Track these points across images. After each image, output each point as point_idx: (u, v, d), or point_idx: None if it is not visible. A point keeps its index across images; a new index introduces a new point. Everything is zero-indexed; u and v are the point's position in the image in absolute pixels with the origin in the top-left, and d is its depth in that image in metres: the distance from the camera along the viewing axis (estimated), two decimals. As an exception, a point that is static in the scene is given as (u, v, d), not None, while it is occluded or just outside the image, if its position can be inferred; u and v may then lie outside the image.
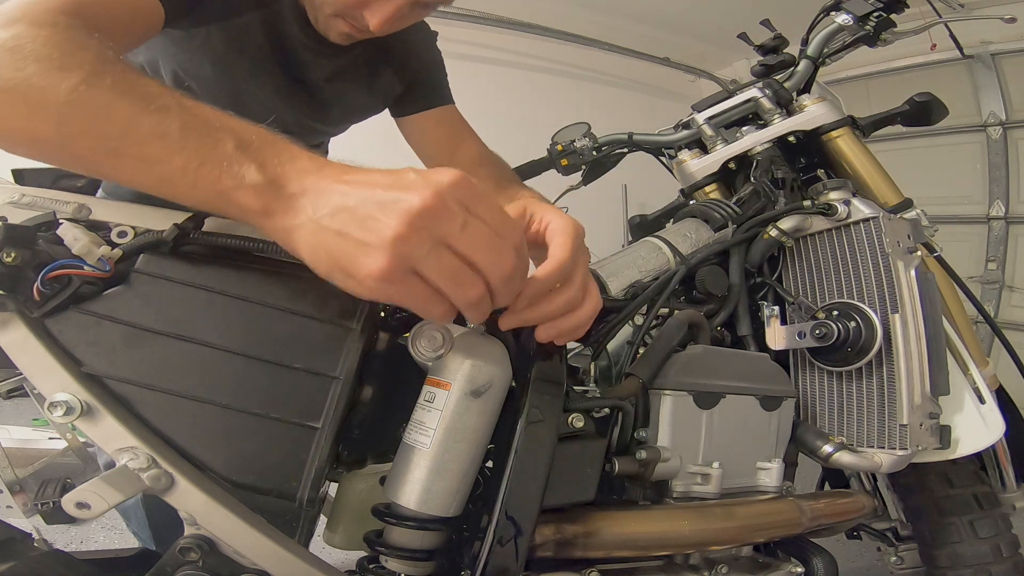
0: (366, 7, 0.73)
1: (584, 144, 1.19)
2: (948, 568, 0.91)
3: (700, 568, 0.68)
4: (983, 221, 3.27)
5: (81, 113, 0.41)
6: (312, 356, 0.54)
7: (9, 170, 0.59)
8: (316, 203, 0.40)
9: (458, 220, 0.39)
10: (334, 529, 0.70)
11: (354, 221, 0.39)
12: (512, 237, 0.42)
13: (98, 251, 0.51)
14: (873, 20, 1.05)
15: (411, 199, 0.38)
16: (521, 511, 0.55)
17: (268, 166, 0.42)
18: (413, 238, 0.38)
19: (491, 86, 3.61)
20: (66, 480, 0.74)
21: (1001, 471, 1.01)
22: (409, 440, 0.54)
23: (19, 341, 0.50)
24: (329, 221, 0.40)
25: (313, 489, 0.53)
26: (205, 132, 0.42)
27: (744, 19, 1.34)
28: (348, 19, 0.76)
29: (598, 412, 0.64)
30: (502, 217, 0.42)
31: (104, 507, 0.46)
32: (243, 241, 0.54)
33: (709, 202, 0.94)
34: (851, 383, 0.79)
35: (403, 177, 0.40)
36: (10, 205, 0.55)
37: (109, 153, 0.42)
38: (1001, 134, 3.17)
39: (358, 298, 0.41)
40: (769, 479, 0.73)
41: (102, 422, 0.50)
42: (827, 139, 1.04)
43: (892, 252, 0.77)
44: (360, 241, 0.38)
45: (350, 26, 0.77)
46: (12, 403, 2.76)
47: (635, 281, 0.79)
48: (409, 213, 0.38)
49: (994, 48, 3.03)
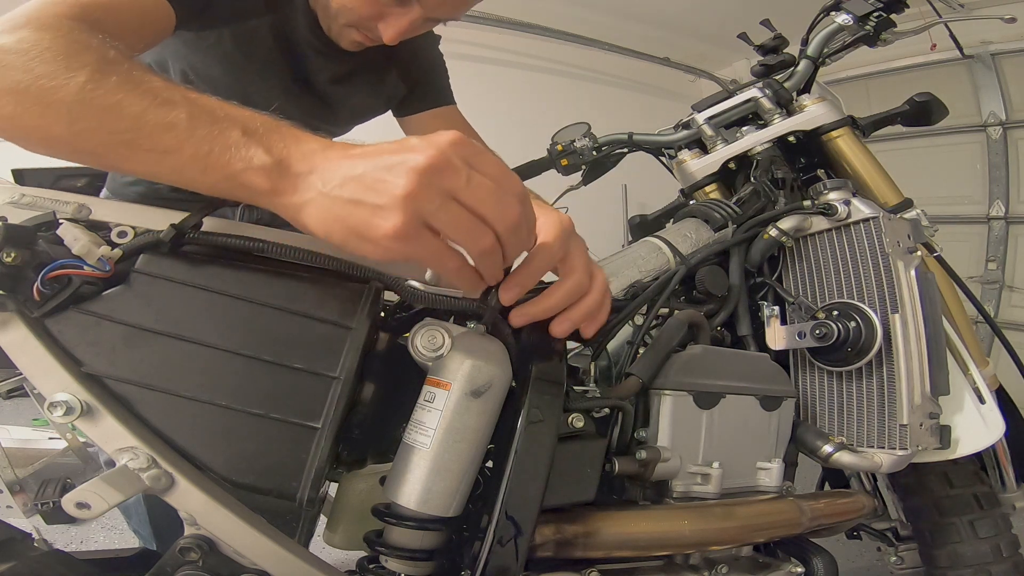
0: (381, 20, 0.74)
1: (584, 144, 1.19)
2: (948, 568, 0.91)
3: (700, 568, 0.68)
4: (983, 221, 3.27)
5: (91, 111, 0.43)
6: (312, 356, 0.54)
7: (9, 170, 0.59)
8: (324, 178, 0.42)
9: (463, 174, 0.41)
10: (334, 529, 0.71)
11: (364, 187, 0.41)
12: (514, 188, 0.44)
13: (98, 251, 0.51)
14: (873, 20, 1.05)
15: (417, 158, 0.40)
16: (521, 511, 0.55)
17: (274, 148, 0.43)
18: (423, 194, 0.40)
19: (491, 86, 3.61)
20: (66, 480, 0.74)
21: (1001, 471, 1.01)
22: (409, 440, 0.54)
23: (19, 341, 0.50)
24: (340, 191, 0.41)
25: (313, 489, 0.53)
26: (211, 121, 0.43)
27: (744, 19, 1.34)
28: (362, 30, 0.78)
29: (598, 412, 0.64)
30: (503, 170, 0.44)
31: (104, 507, 0.46)
32: (243, 241, 0.54)
33: (709, 202, 0.94)
34: (851, 383, 0.79)
35: (406, 142, 0.42)
36: (10, 205, 0.55)
37: (121, 146, 0.44)
38: (1001, 134, 3.17)
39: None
40: (769, 479, 0.73)
41: (102, 422, 0.50)
42: (827, 139, 1.04)
43: (892, 252, 0.77)
44: (373, 205, 0.40)
45: (363, 36, 0.79)
46: (12, 403, 2.76)
47: (635, 281, 0.79)
48: (416, 171, 0.40)
49: (994, 48, 3.03)
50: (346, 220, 0.42)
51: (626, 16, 3.70)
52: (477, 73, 3.49)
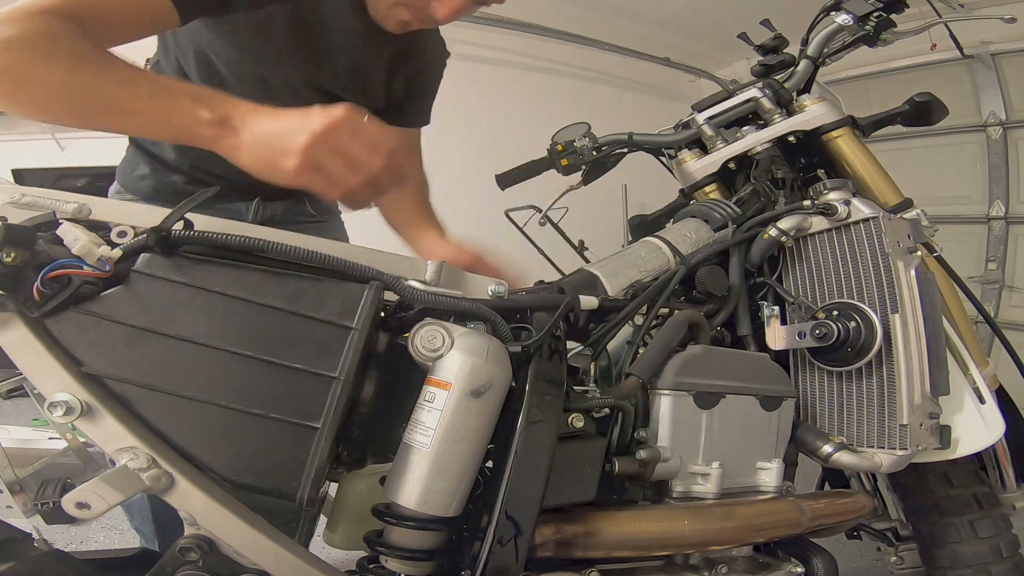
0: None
1: (584, 144, 1.19)
2: (948, 568, 0.91)
3: (700, 568, 0.68)
4: (983, 221, 3.26)
5: (75, 91, 0.60)
6: (312, 356, 0.54)
7: (9, 170, 0.60)
8: (254, 129, 0.60)
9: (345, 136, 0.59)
10: (334, 529, 0.71)
11: (279, 137, 0.59)
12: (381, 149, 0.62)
13: (98, 251, 0.51)
14: (873, 20, 1.05)
15: (315, 123, 0.59)
16: (521, 511, 0.55)
17: (216, 109, 0.61)
18: (315, 147, 0.58)
19: (491, 86, 3.61)
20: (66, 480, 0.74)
21: (1001, 471, 1.01)
22: (409, 440, 0.54)
23: (19, 341, 0.50)
24: (263, 138, 0.60)
25: (313, 489, 0.53)
26: (167, 94, 0.61)
27: (744, 19, 1.34)
28: (411, 8, 0.82)
29: (598, 412, 0.64)
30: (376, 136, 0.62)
31: (104, 507, 0.46)
32: (243, 241, 0.54)
33: (709, 202, 0.94)
34: (851, 383, 0.79)
35: (311, 111, 0.60)
36: (10, 205, 0.55)
37: (102, 113, 0.62)
38: (1001, 134, 3.16)
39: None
40: (769, 479, 0.73)
41: (102, 422, 0.50)
42: (827, 139, 1.04)
43: (892, 252, 0.77)
44: (283, 149, 0.59)
45: (412, 15, 0.82)
46: (12, 403, 2.76)
47: (635, 281, 0.79)
48: (312, 132, 0.58)
49: (994, 48, 3.03)
50: (264, 156, 0.60)
51: (626, 16, 3.69)
52: (477, 73, 3.49)
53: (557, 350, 0.61)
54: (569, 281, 0.78)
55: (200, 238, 0.54)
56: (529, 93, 3.94)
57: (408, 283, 0.59)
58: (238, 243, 0.54)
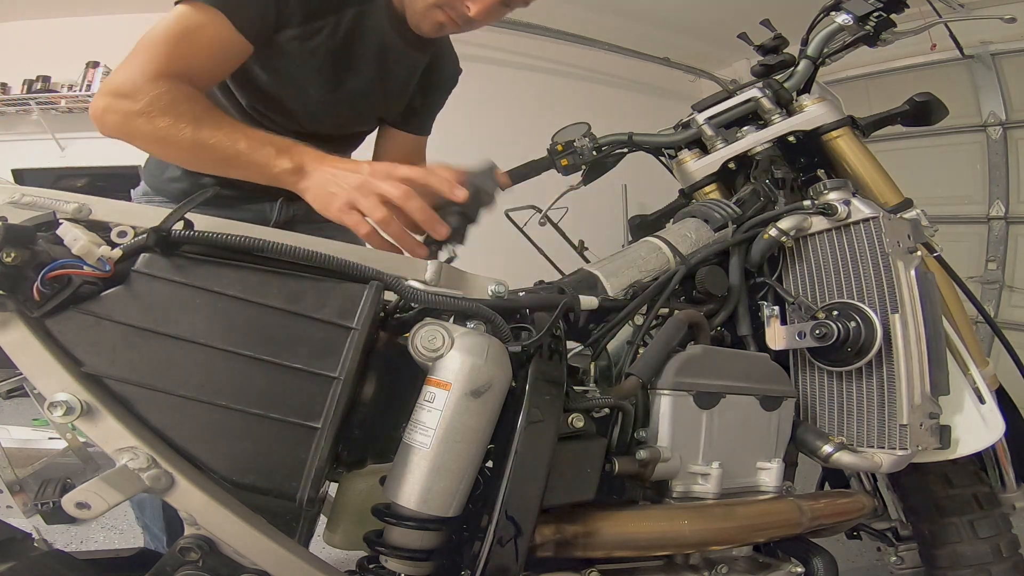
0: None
1: (584, 144, 1.19)
2: (948, 568, 0.91)
3: (700, 568, 0.68)
4: (983, 221, 3.26)
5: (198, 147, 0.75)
6: (312, 356, 0.54)
7: (9, 170, 0.60)
8: (319, 176, 0.75)
9: (378, 187, 0.71)
10: (334, 529, 0.70)
11: (334, 183, 0.74)
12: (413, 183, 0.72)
13: (98, 251, 0.51)
14: (873, 20, 1.05)
15: (359, 176, 0.73)
16: (521, 511, 0.55)
17: (295, 158, 0.76)
18: (356, 192, 0.72)
19: (491, 86, 3.61)
20: (66, 480, 0.74)
21: (1001, 471, 1.01)
22: (409, 440, 0.54)
23: (19, 341, 0.50)
24: (324, 184, 0.74)
25: (313, 489, 0.53)
26: (258, 144, 0.76)
27: (744, 19, 1.34)
28: (447, 9, 0.87)
29: (598, 412, 0.64)
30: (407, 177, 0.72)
31: (104, 507, 0.46)
32: (243, 241, 0.54)
33: (709, 202, 0.94)
34: (851, 383, 0.79)
35: (361, 164, 0.75)
36: (10, 205, 0.55)
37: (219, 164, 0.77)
38: (1001, 134, 3.16)
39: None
40: (769, 479, 0.73)
41: (102, 422, 0.50)
42: (827, 139, 1.04)
43: (892, 252, 0.77)
44: (335, 193, 0.73)
45: (447, 16, 0.88)
46: (12, 403, 2.76)
47: (635, 281, 0.79)
48: (356, 181, 0.72)
49: (994, 48, 3.03)
50: (324, 198, 0.74)
51: (626, 16, 3.70)
52: (477, 73, 3.48)
53: (557, 350, 0.61)
54: (569, 281, 0.78)
55: (200, 238, 0.54)
56: (529, 93, 3.95)
57: (408, 283, 0.59)
58: (238, 243, 0.54)
